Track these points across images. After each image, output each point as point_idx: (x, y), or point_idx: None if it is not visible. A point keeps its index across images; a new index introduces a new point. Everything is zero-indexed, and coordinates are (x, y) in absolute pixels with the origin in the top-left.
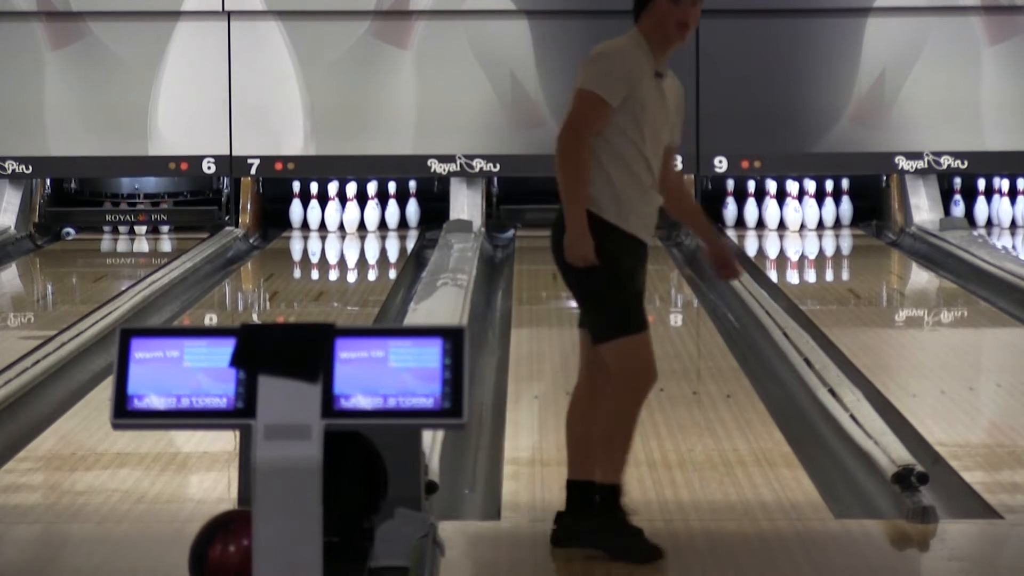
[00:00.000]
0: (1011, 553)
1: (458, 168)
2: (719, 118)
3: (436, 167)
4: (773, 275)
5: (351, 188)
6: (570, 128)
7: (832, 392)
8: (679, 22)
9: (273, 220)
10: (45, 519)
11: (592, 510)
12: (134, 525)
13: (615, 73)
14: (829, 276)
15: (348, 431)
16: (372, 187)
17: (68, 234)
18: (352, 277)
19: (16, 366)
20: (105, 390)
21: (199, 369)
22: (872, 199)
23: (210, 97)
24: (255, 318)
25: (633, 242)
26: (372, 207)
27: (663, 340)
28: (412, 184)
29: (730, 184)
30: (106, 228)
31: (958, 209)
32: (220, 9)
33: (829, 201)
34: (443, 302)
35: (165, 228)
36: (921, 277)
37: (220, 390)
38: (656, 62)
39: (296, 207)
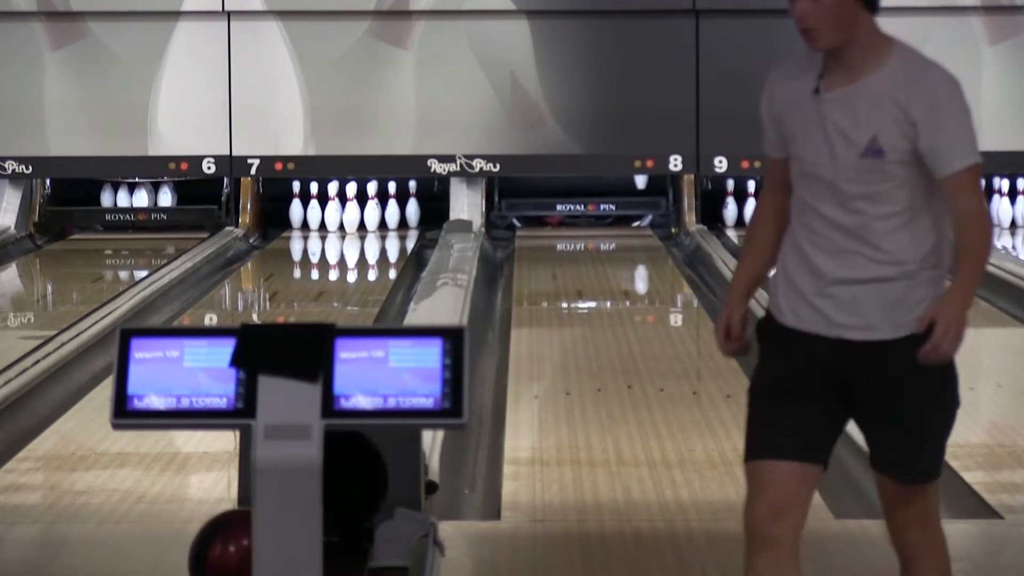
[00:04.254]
0: (1011, 553)
1: (458, 168)
2: (719, 118)
3: (436, 167)
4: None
5: (351, 188)
6: None
7: None
8: (798, 25)
9: (273, 220)
10: (45, 519)
11: None
12: (134, 525)
13: (762, 111)
14: None
15: (348, 431)
16: (372, 187)
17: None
18: (352, 277)
19: (16, 366)
20: (105, 390)
21: (199, 369)
22: None
23: (210, 97)
24: (255, 318)
25: (785, 333)
26: (372, 207)
27: (663, 340)
28: (412, 184)
29: (730, 184)
30: (100, 227)
31: None
32: (220, 9)
33: None
34: (443, 302)
35: (165, 222)
36: None
37: (220, 390)
38: (825, 77)
39: (296, 207)
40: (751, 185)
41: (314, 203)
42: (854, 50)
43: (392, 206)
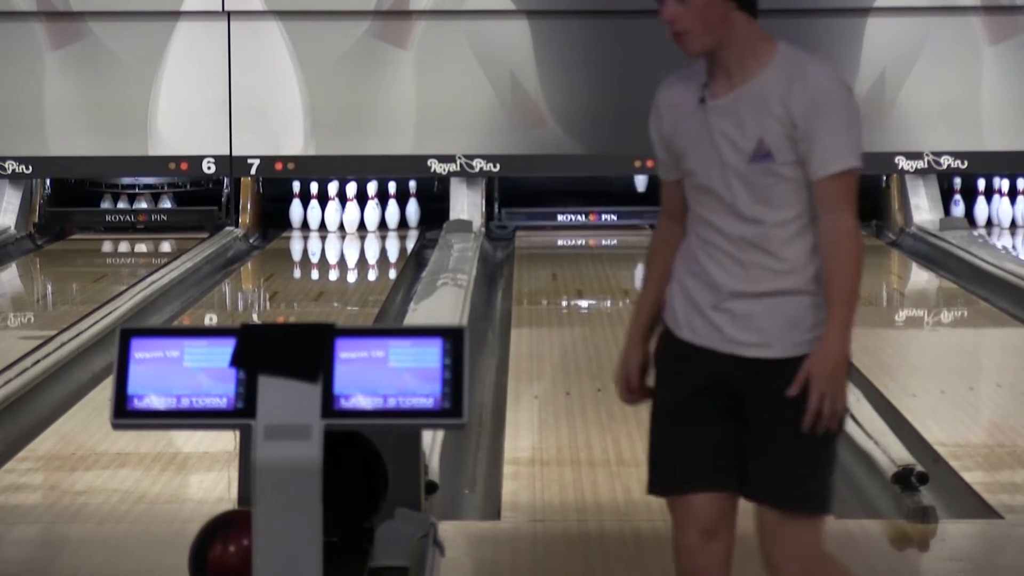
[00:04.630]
0: (1011, 553)
1: (458, 168)
2: None
3: (436, 167)
4: None
5: (351, 188)
6: None
7: None
8: (669, 30)
9: (273, 220)
10: (45, 519)
11: None
12: (134, 525)
13: (651, 132)
14: None
15: (348, 431)
16: (372, 187)
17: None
18: (352, 277)
19: (16, 366)
20: (105, 390)
21: (199, 369)
22: (872, 199)
23: (210, 97)
24: (255, 318)
25: (682, 347)
26: (372, 207)
27: None
28: (412, 184)
29: None
30: (100, 228)
31: (958, 209)
32: (220, 9)
33: None
34: (443, 302)
35: (165, 223)
36: (921, 277)
37: (220, 390)
38: (709, 86)
39: (296, 207)
40: None
41: (314, 203)
42: (732, 53)
43: (392, 206)
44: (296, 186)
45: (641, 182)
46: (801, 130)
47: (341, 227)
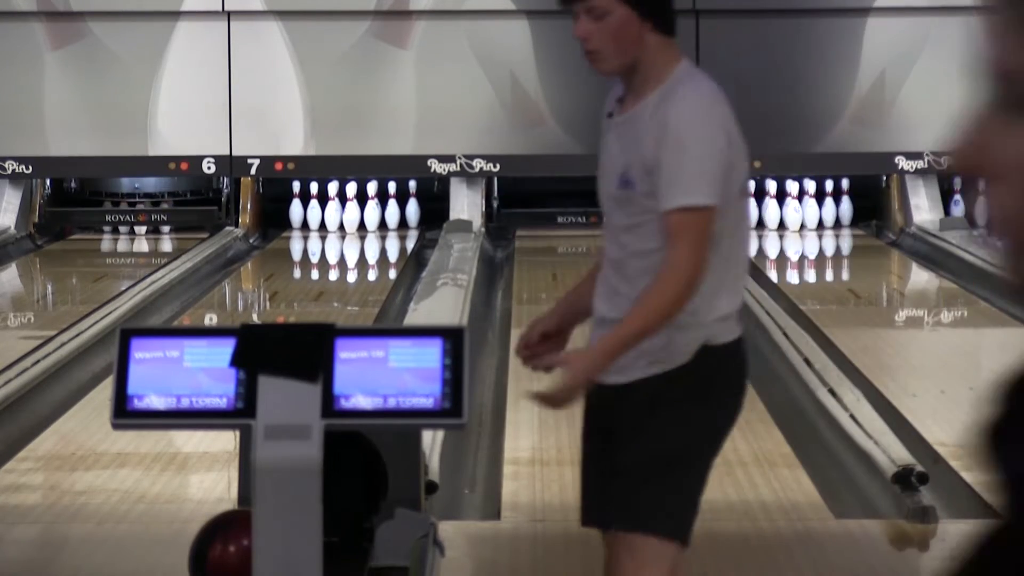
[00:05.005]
0: None
1: (458, 168)
2: None
3: (436, 167)
4: (773, 275)
5: (351, 188)
6: None
7: (832, 392)
8: (582, 47)
9: (273, 220)
10: (45, 519)
11: None
12: (134, 525)
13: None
14: (829, 276)
15: (348, 431)
16: (372, 187)
17: None
18: (352, 277)
19: (16, 366)
20: (105, 390)
21: (199, 369)
22: (872, 199)
23: (210, 97)
24: (255, 318)
25: None
26: (372, 207)
27: None
28: (412, 184)
29: None
30: (106, 228)
31: (958, 209)
32: (220, 9)
33: (829, 201)
34: (443, 302)
35: (165, 228)
36: (921, 277)
37: (220, 390)
38: (622, 102)
39: (296, 207)
40: (751, 185)
41: (314, 203)
42: (639, 74)
43: (392, 206)
44: (296, 186)
45: None
46: (650, 160)
47: (341, 227)
